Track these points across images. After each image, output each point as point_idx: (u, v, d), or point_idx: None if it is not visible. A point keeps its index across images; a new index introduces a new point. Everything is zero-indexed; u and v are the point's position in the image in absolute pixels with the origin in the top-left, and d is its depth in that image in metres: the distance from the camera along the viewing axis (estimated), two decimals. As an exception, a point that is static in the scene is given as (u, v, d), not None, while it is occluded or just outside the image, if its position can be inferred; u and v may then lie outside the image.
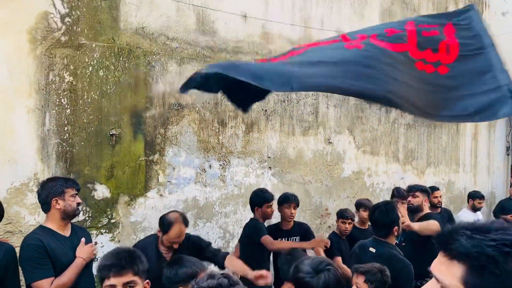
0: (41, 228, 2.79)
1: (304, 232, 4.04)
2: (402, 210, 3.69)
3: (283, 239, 4.00)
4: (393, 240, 3.22)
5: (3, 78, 3.29)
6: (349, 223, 4.41)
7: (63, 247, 2.71)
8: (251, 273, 2.86)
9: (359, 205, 4.64)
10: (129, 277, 1.73)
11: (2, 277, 2.58)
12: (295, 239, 4.03)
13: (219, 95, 4.63)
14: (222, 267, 3.06)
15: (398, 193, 4.84)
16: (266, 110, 5.09)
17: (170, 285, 2.28)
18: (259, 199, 4.04)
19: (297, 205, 4.12)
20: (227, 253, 3.19)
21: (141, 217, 4.02)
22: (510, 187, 9.21)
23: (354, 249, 3.43)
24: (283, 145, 5.27)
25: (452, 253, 1.02)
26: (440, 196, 5.43)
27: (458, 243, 1.01)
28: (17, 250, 2.85)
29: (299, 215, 5.15)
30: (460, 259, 1.00)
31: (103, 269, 1.78)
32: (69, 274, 2.61)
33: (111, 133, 3.85)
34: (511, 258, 0.96)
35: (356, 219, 4.56)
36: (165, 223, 3.10)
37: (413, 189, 4.29)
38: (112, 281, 1.73)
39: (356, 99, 6.09)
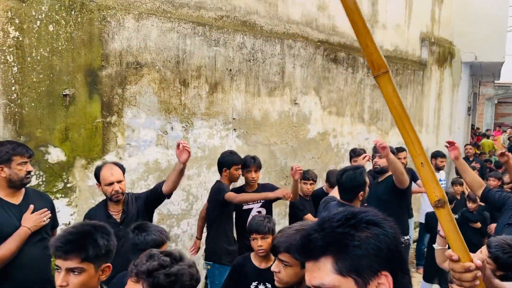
0: None
1: (269, 191, 4.02)
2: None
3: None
4: (358, 205, 3.23)
5: None
6: (310, 184, 4.44)
7: (8, 215, 2.56)
8: None
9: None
10: (74, 263, 1.60)
11: None
12: (260, 201, 4.02)
13: (181, 53, 4.44)
14: (162, 193, 3.19)
15: (354, 153, 4.94)
16: (230, 69, 4.93)
17: (135, 251, 2.22)
18: (227, 160, 4.02)
19: (259, 167, 4.09)
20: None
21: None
22: (465, 146, 9.51)
23: (319, 209, 3.46)
24: (249, 106, 5.16)
25: (314, 253, 1.04)
26: (405, 158, 5.51)
27: (314, 241, 1.04)
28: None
29: (264, 176, 5.13)
30: (323, 253, 1.03)
31: (51, 248, 1.67)
32: (9, 244, 2.46)
33: (64, 93, 3.62)
34: (360, 226, 1.03)
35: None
36: (95, 172, 3.06)
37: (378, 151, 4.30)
38: (58, 263, 1.63)
39: (323, 58, 6.00)
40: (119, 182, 2.95)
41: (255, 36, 5.16)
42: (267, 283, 2.66)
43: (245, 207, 4.05)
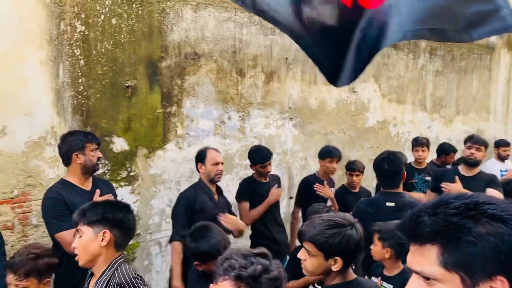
0: (62, 181, 2.81)
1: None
2: None
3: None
4: (402, 189, 3.05)
5: (13, 27, 3.17)
6: (356, 175, 4.27)
7: (83, 200, 2.69)
8: None
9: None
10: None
11: None
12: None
13: (237, 42, 4.44)
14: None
15: (416, 143, 4.72)
16: (286, 58, 4.88)
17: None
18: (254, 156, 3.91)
19: (339, 158, 4.25)
20: None
21: (160, 170, 3.99)
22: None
23: (362, 210, 3.09)
24: (305, 95, 5.09)
25: (420, 237, 0.91)
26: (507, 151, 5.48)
27: (422, 225, 0.91)
28: (40, 203, 2.89)
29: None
30: (430, 240, 0.90)
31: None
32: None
33: (126, 84, 3.74)
34: (481, 220, 0.87)
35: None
36: (198, 154, 3.33)
37: (479, 142, 3.88)
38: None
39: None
40: (222, 164, 3.18)
41: (311, 23, 5.06)
42: None
43: None
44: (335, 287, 1.79)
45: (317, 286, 2.71)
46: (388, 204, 2.91)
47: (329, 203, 3.98)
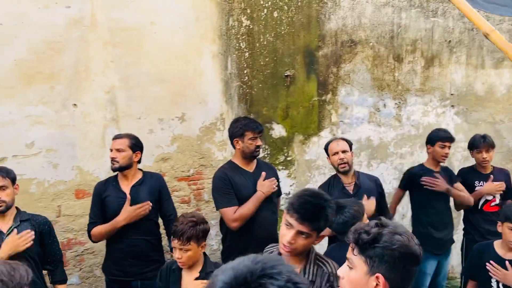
0: (229, 162, 3.08)
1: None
2: None
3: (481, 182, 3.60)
4: None
5: (191, 25, 3.59)
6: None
7: (245, 181, 2.94)
8: None
9: None
10: (306, 228, 1.77)
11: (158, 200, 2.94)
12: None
13: (395, 27, 4.30)
14: None
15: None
16: (449, 41, 4.55)
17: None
18: (433, 135, 3.58)
19: (491, 147, 3.59)
20: None
21: (315, 156, 4.12)
22: None
23: None
24: (470, 80, 4.69)
25: None
26: None
27: None
28: (210, 181, 3.24)
29: (487, 159, 4.62)
30: None
31: (289, 205, 1.84)
32: (249, 205, 2.83)
33: (285, 74, 3.94)
34: None
35: None
36: (325, 147, 3.20)
37: None
38: (291, 221, 1.75)
39: None
40: (343, 152, 3.06)
41: (480, 1, 4.62)
42: None
43: None
44: None
45: None
46: None
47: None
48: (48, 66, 3.13)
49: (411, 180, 3.61)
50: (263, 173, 2.94)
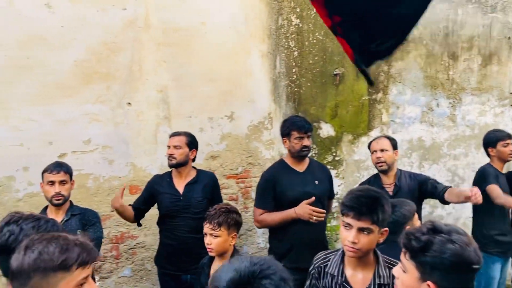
0: (280, 161, 3.03)
1: None
2: None
3: None
4: None
5: (241, 25, 3.62)
6: None
7: (293, 181, 2.86)
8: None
9: None
10: (366, 224, 1.71)
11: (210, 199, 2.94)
12: None
13: (450, 24, 4.14)
14: (443, 198, 2.84)
15: None
16: (509, 37, 4.32)
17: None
18: (491, 137, 3.40)
19: None
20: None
21: (364, 156, 4.04)
22: None
23: None
24: (531, 79, 4.44)
25: None
26: None
27: None
28: (257, 180, 3.23)
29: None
30: None
31: (342, 206, 1.81)
32: (276, 217, 2.76)
33: (334, 72, 3.90)
34: None
35: None
36: (368, 146, 3.09)
37: None
38: (349, 221, 1.73)
39: None
40: (382, 151, 2.96)
41: (544, -6, 4.36)
42: None
43: None
44: None
45: None
46: None
47: None
48: (104, 66, 3.27)
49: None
50: (313, 198, 2.73)
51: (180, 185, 2.91)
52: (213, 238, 2.18)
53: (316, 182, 2.89)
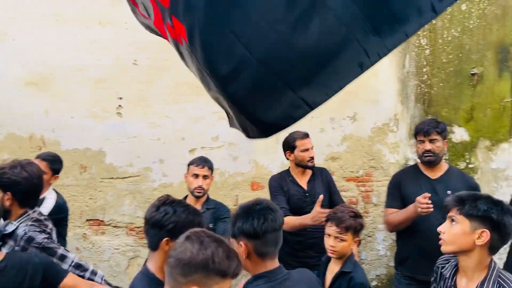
0: (414, 165, 2.87)
1: None
2: None
3: None
4: None
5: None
6: None
7: (419, 187, 2.63)
8: None
9: None
10: None
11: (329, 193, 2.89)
12: None
13: None
14: None
15: None
16: None
17: None
18: None
19: None
20: None
21: (504, 164, 3.63)
22: None
23: None
24: None
25: None
26: None
27: None
28: (380, 184, 3.09)
29: None
30: None
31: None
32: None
33: (472, 72, 3.56)
34: None
35: None
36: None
37: None
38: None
39: None
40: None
41: None
42: None
43: None
44: None
45: None
46: None
47: None
48: (233, 67, 3.43)
49: None
50: (428, 194, 2.49)
51: (303, 182, 2.91)
52: (339, 242, 2.12)
53: (449, 192, 2.64)
